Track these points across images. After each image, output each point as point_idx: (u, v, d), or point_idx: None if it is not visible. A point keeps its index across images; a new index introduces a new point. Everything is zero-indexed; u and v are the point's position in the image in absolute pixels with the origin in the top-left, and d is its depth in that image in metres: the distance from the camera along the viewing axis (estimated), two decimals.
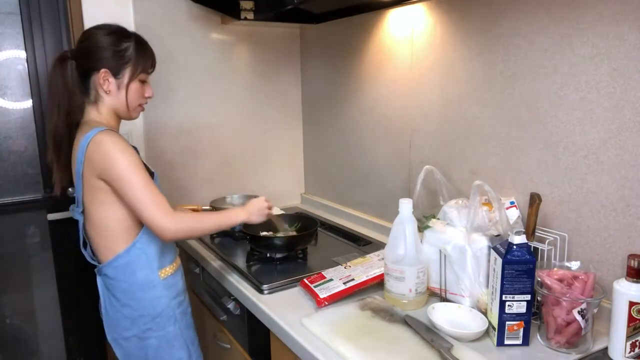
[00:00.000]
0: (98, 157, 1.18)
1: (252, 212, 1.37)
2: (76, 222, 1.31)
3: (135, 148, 1.26)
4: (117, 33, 1.25)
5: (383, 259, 1.28)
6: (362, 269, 1.35)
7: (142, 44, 1.28)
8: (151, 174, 1.28)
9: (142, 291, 1.27)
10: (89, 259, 1.33)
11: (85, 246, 1.33)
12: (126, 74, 1.25)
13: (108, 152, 1.17)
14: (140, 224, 1.26)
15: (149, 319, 1.27)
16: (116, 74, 1.24)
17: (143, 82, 1.29)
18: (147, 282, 1.27)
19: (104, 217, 1.24)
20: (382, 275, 1.29)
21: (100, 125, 1.23)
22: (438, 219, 1.27)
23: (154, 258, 1.28)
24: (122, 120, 1.33)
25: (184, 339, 1.33)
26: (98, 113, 1.27)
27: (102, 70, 1.23)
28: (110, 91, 1.25)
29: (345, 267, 1.37)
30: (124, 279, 1.27)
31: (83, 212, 1.28)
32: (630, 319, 0.96)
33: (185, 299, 1.38)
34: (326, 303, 1.23)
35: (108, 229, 1.25)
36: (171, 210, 1.20)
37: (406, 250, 1.20)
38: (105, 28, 1.26)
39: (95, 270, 1.32)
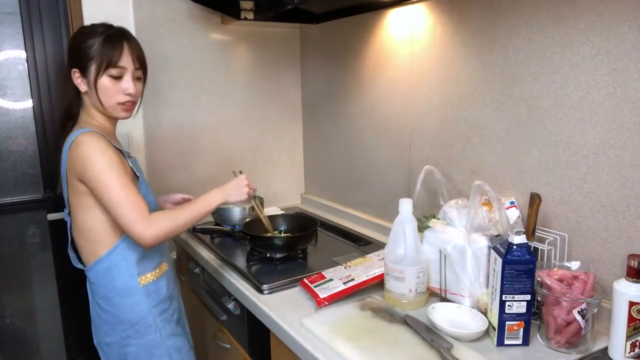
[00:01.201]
0: (77, 158, 1.16)
1: (229, 191, 1.31)
2: None
3: (123, 152, 1.26)
4: (86, 32, 1.23)
5: (383, 259, 1.28)
6: (362, 269, 1.35)
7: (112, 38, 1.21)
8: (137, 177, 1.28)
9: (121, 297, 1.25)
10: (73, 262, 1.32)
11: (73, 249, 1.31)
12: (92, 71, 1.21)
13: (85, 153, 1.15)
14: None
15: (128, 326, 1.26)
16: (84, 72, 1.21)
17: (117, 78, 1.22)
18: (125, 288, 1.25)
19: (88, 220, 1.22)
20: (382, 275, 1.29)
21: (88, 126, 1.22)
22: (438, 219, 1.26)
23: (133, 264, 1.25)
24: (121, 121, 1.32)
25: (166, 347, 1.29)
26: (88, 115, 1.27)
27: (72, 70, 1.22)
28: (85, 91, 1.24)
29: (345, 267, 1.37)
30: (104, 284, 1.25)
31: (70, 214, 1.27)
32: (630, 319, 0.96)
33: (171, 306, 1.34)
34: (326, 303, 1.23)
35: (91, 232, 1.23)
36: (147, 214, 1.16)
37: (406, 250, 1.20)
38: (81, 28, 1.26)
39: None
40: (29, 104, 1.83)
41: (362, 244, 1.70)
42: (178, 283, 1.47)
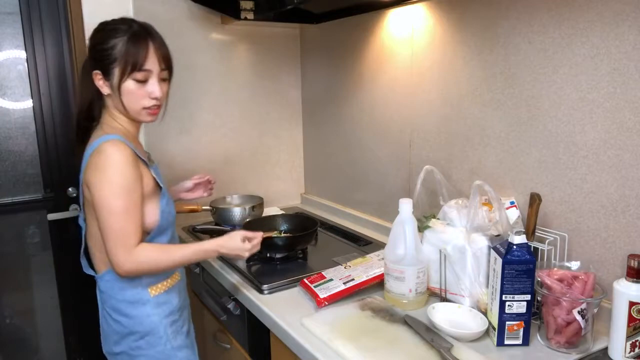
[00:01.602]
0: (93, 167, 1.11)
1: (228, 251, 1.25)
2: (76, 221, 1.30)
3: (146, 161, 1.20)
4: (108, 29, 1.15)
5: (383, 259, 1.28)
6: (362, 269, 1.35)
7: (136, 38, 1.13)
8: (159, 188, 1.22)
9: (131, 308, 1.22)
10: (84, 268, 1.30)
11: (85, 255, 1.29)
12: (115, 74, 1.13)
13: (102, 165, 1.09)
14: (141, 233, 1.19)
15: (138, 337, 1.22)
16: (107, 75, 1.14)
17: (143, 81, 1.15)
18: (136, 299, 1.21)
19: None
20: (382, 275, 1.29)
21: (113, 130, 1.16)
22: (438, 219, 1.26)
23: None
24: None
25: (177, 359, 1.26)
26: (111, 117, 1.20)
27: (94, 72, 1.15)
28: (108, 94, 1.17)
29: (345, 267, 1.37)
30: (113, 294, 1.22)
31: (85, 220, 1.24)
32: (630, 319, 0.96)
33: (182, 317, 1.30)
34: (326, 303, 1.23)
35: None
36: (133, 247, 1.11)
37: (406, 250, 1.20)
38: (101, 25, 1.17)
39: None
40: (29, 104, 1.83)
41: (362, 244, 1.70)
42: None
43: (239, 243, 1.26)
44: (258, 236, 1.31)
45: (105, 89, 1.16)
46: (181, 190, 1.59)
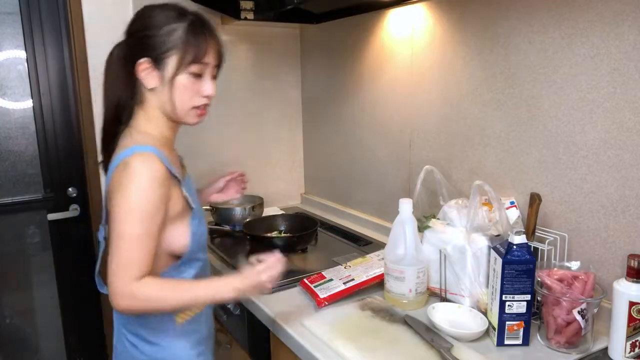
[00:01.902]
0: (117, 182, 0.96)
1: (246, 291, 1.04)
2: (76, 221, 1.27)
3: (178, 177, 1.03)
4: (162, 13, 0.98)
5: (383, 258, 1.28)
6: (362, 269, 1.35)
7: (197, 27, 0.98)
8: (190, 208, 1.05)
9: (153, 335, 1.05)
10: (98, 287, 1.15)
11: (99, 273, 1.14)
12: (170, 65, 0.97)
13: (126, 183, 0.94)
14: (169, 258, 1.04)
15: None
16: (158, 64, 0.97)
17: (198, 75, 1.00)
18: (160, 327, 1.05)
19: None
20: (382, 275, 1.29)
21: (145, 138, 1.00)
22: (438, 219, 1.26)
23: None
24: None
25: None
26: (147, 119, 1.03)
27: (140, 61, 0.97)
28: (153, 87, 0.99)
29: (345, 267, 1.37)
30: (134, 319, 1.06)
31: (105, 238, 1.08)
32: (630, 319, 0.96)
33: (207, 348, 1.15)
34: (326, 303, 1.23)
35: None
36: (134, 280, 0.93)
37: (406, 250, 1.20)
38: (149, 8, 1.00)
39: None
40: (29, 104, 1.83)
41: (362, 244, 1.70)
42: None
43: (255, 275, 1.03)
44: (270, 256, 1.07)
45: (151, 82, 0.99)
46: (212, 193, 1.40)
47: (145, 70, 0.98)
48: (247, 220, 1.72)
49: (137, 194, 0.93)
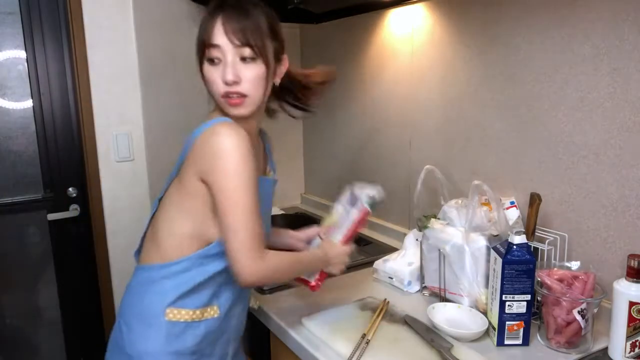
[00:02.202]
0: (208, 152, 0.90)
1: (330, 263, 1.10)
2: (76, 221, 1.26)
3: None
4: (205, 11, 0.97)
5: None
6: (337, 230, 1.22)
7: (210, 10, 0.95)
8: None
9: (136, 320, 0.99)
10: (134, 254, 1.11)
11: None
12: (199, 60, 0.98)
13: (223, 151, 0.88)
14: (199, 243, 0.97)
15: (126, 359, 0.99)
16: (199, 62, 0.99)
17: (213, 61, 0.95)
18: (148, 312, 0.97)
19: (171, 221, 0.99)
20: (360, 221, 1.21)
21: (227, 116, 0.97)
22: (438, 218, 1.27)
23: (173, 288, 0.96)
24: (122, 120, 1.14)
25: None
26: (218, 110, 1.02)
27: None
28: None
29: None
30: (134, 292, 1.02)
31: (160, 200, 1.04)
32: (630, 319, 0.96)
33: None
34: (320, 283, 1.15)
35: (164, 234, 0.99)
36: (263, 251, 0.92)
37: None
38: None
39: None
40: (29, 104, 1.83)
41: (362, 244, 1.70)
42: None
43: (340, 247, 1.08)
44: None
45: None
46: (301, 239, 1.28)
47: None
48: None
49: (239, 163, 0.88)
